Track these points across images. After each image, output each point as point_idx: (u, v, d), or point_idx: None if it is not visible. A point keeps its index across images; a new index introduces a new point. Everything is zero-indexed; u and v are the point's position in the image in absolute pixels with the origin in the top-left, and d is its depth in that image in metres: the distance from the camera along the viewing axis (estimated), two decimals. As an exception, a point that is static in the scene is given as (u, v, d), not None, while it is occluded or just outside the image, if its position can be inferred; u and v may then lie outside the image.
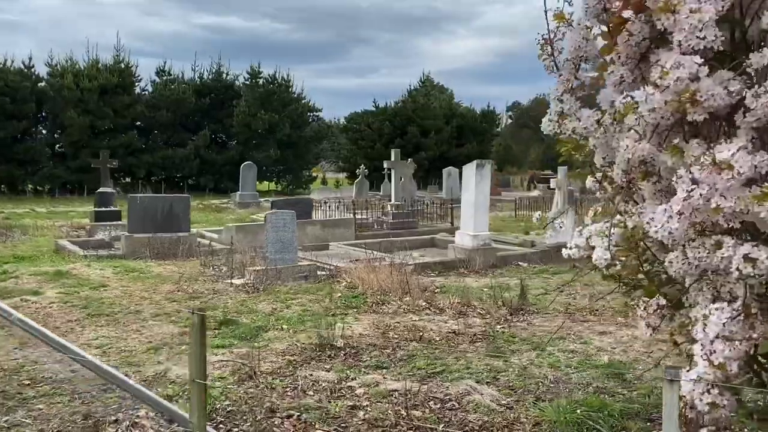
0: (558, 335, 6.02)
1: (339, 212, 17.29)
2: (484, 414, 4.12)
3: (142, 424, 4.03)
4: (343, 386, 4.65)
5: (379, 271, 8.41)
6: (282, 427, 3.94)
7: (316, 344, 5.65)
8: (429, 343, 5.72)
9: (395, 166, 15.24)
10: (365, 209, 17.78)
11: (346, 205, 17.69)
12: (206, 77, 38.02)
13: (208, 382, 4.64)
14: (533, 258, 10.93)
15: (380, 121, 42.35)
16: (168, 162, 35.64)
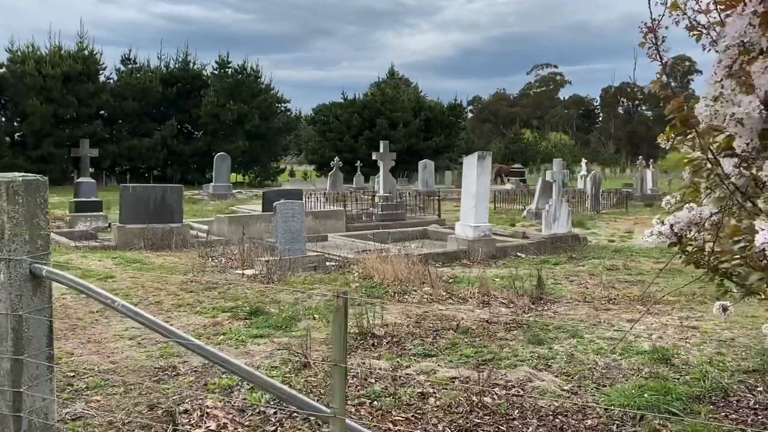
0: (590, 323, 6.13)
1: (320, 204, 17.20)
2: (553, 399, 4.17)
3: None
4: (401, 374, 4.65)
5: (391, 262, 8.42)
6: (358, 414, 3.93)
7: (356, 333, 5.64)
8: (467, 332, 5.75)
9: (384, 158, 15.22)
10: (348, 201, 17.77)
11: (329, 196, 17.62)
12: (173, 66, 37.34)
13: (263, 373, 4.60)
14: (530, 249, 11.07)
15: (349, 113, 42.25)
16: (134, 152, 34.94)
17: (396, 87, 43.86)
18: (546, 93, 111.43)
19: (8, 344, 3.08)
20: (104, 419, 3.92)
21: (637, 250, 11.54)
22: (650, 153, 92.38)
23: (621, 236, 13.77)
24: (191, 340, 2.95)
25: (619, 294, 7.64)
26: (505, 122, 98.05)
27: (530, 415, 3.93)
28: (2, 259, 3.05)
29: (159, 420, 3.90)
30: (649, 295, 7.53)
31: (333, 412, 2.56)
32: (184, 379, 4.60)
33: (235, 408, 4.04)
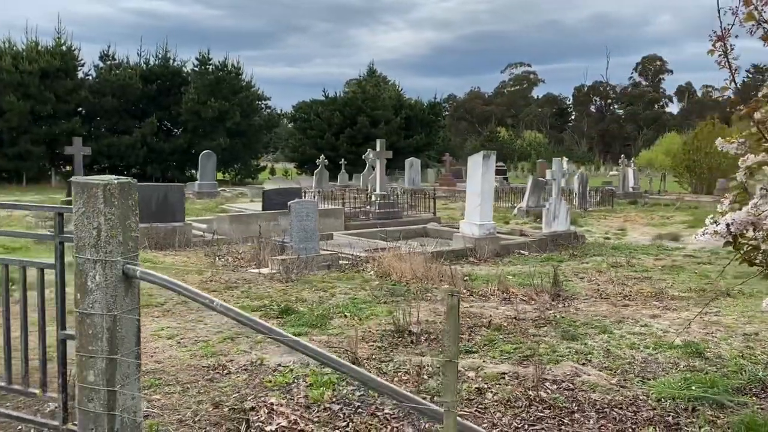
0: (615, 319, 6.31)
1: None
2: (604, 393, 4.33)
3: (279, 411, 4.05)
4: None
5: (408, 261, 8.54)
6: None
7: (393, 330, 5.74)
8: (499, 329, 5.89)
9: (380, 156, 15.32)
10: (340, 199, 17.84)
11: (323, 195, 17.67)
12: (153, 63, 36.90)
13: (316, 369, 4.69)
14: (532, 246, 11.27)
15: (330, 110, 42.21)
16: (113, 150, 34.46)
17: (377, 85, 43.93)
18: (520, 92, 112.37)
19: (103, 344, 3.14)
20: (172, 418, 3.97)
21: (634, 247, 11.82)
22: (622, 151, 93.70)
23: (615, 233, 14.06)
24: (297, 340, 3.04)
25: (632, 290, 7.85)
26: (480, 120, 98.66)
27: (587, 408, 4.07)
28: (98, 261, 3.10)
29: (227, 418, 3.96)
30: (661, 291, 7.75)
31: (446, 406, 2.66)
32: (237, 377, 4.66)
33: (300, 405, 4.12)
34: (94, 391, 3.17)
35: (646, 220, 16.89)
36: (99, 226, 3.10)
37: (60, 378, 3.40)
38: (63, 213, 3.41)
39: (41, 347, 3.49)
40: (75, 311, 3.18)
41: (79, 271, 3.15)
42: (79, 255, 3.14)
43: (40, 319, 3.48)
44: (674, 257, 10.70)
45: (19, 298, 3.59)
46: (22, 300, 3.51)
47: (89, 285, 3.13)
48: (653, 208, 20.68)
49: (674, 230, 13.97)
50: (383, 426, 3.82)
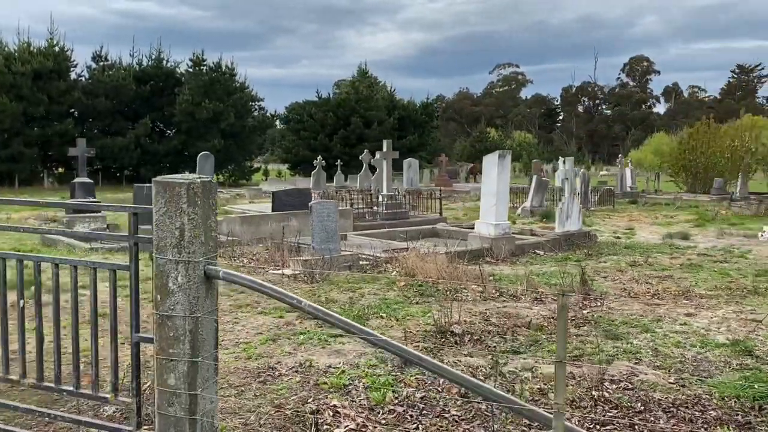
0: (652, 318, 6.31)
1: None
2: (665, 392, 4.30)
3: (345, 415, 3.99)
4: (505, 371, 4.73)
5: (434, 261, 8.50)
6: (482, 410, 3.99)
7: (435, 331, 5.70)
8: (541, 329, 5.86)
9: (386, 157, 15.29)
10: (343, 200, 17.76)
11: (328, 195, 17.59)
12: (146, 64, 36.67)
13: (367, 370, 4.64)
14: (546, 246, 11.26)
15: (323, 111, 42.15)
16: (107, 151, 34.21)
17: (370, 86, 43.90)
18: (508, 92, 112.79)
19: (186, 347, 3.07)
20: (236, 421, 3.90)
21: (647, 246, 11.84)
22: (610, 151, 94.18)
23: (623, 233, 14.09)
24: (396, 344, 2.98)
25: (658, 289, 7.85)
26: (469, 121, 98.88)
27: (653, 407, 4.05)
28: (181, 261, 3.03)
29: (292, 421, 3.90)
30: (688, 289, 7.75)
31: (556, 407, 2.62)
32: (290, 380, 4.60)
33: (363, 407, 4.06)
34: (175, 395, 3.09)
35: (650, 220, 16.95)
36: (182, 226, 3.02)
37: (134, 381, 3.32)
38: (138, 213, 3.33)
39: (112, 350, 3.41)
40: (155, 313, 3.11)
41: (159, 272, 3.07)
42: (160, 255, 3.06)
43: (112, 320, 3.41)
44: (688, 256, 10.73)
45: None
46: (92, 301, 3.43)
47: (171, 286, 3.05)
48: (654, 208, 20.78)
49: (682, 229, 14.03)
50: (453, 428, 3.77)
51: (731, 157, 25.09)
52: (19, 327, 3.62)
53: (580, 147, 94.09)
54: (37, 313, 3.57)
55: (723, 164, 25.38)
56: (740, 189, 24.41)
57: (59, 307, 3.54)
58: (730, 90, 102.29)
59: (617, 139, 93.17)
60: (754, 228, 14.33)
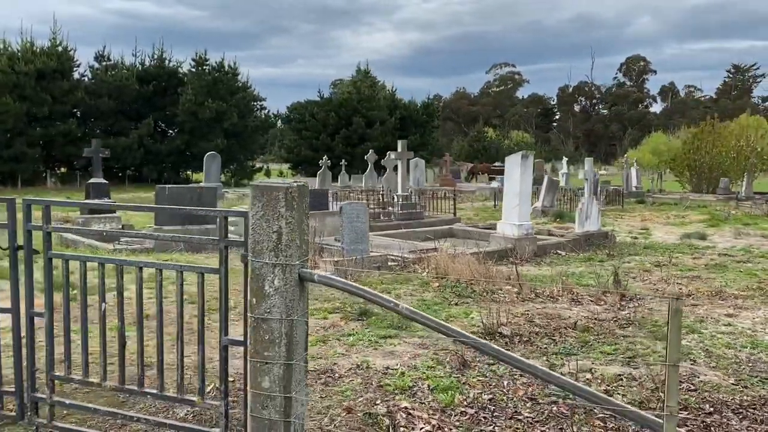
0: (695, 319, 6.34)
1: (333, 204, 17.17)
2: (729, 393, 4.33)
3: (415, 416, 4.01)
4: (563, 372, 4.75)
5: (458, 261, 8.52)
6: (554, 411, 4.02)
7: (482, 333, 5.72)
8: (587, 330, 5.89)
9: (402, 157, 15.32)
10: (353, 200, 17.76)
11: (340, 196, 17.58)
12: (148, 64, 36.59)
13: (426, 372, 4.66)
14: (567, 246, 11.30)
15: (325, 111, 42.13)
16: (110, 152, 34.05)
17: (372, 86, 43.90)
18: (505, 92, 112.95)
19: (281, 349, 3.08)
20: (310, 424, 3.91)
21: (666, 247, 11.89)
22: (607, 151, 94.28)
23: (639, 233, 14.14)
24: (517, 357, 2.99)
25: (690, 290, 7.89)
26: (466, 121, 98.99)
27: (722, 408, 4.08)
28: (278, 265, 3.04)
29: (365, 423, 3.91)
30: (720, 290, 7.80)
31: (668, 410, 2.64)
32: (350, 381, 4.61)
33: (434, 408, 4.08)
34: (270, 398, 3.10)
35: (662, 219, 17.02)
36: (279, 230, 3.04)
37: (222, 384, 3.34)
38: (228, 217, 3.34)
39: (200, 354, 3.42)
40: (249, 316, 3.12)
41: (255, 276, 3.08)
42: (256, 259, 3.07)
43: (200, 323, 3.42)
44: (710, 256, 10.78)
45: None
46: (179, 305, 3.44)
47: (267, 289, 3.07)
48: (662, 207, 20.85)
49: (697, 229, 14.09)
50: (529, 429, 3.78)
51: (737, 157, 25.20)
52: (100, 330, 3.63)
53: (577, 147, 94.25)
54: (119, 315, 3.58)
55: (729, 164, 25.48)
56: (745, 189, 24.52)
57: (143, 309, 3.56)
58: (726, 90, 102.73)
59: (614, 138, 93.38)
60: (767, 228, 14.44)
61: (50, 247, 3.77)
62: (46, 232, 3.75)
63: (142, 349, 3.52)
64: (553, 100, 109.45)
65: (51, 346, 3.73)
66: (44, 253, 3.76)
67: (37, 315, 3.78)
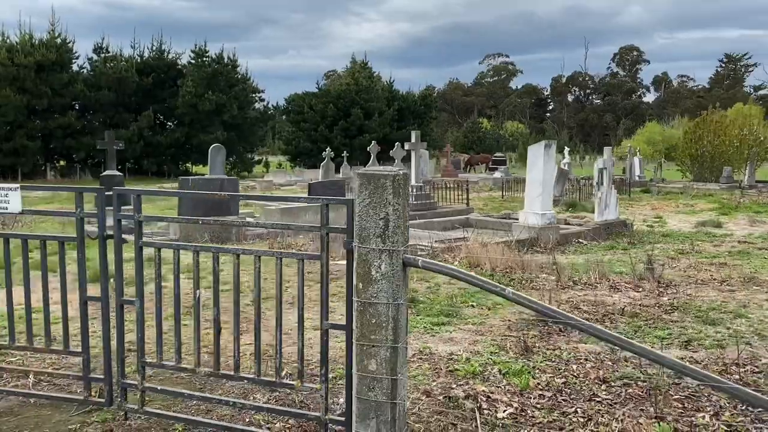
0: (737, 304, 6.45)
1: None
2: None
3: (494, 399, 4.09)
4: (609, 357, 4.85)
5: (490, 250, 8.60)
6: (630, 394, 4.11)
7: (534, 319, 5.80)
8: (635, 316, 5.99)
9: (415, 147, 15.37)
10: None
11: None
12: (147, 56, 36.41)
13: (492, 357, 4.73)
14: (588, 235, 11.41)
15: (323, 103, 42.06)
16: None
17: (370, 77, 43.85)
18: (499, 82, 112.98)
19: (388, 333, 3.15)
20: (393, 407, 3.98)
21: (684, 235, 12.00)
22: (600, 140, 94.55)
23: (653, 221, 14.26)
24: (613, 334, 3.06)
25: (722, 276, 8.00)
26: (460, 111, 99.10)
27: (792, 389, 4.18)
28: (385, 250, 3.11)
29: (445, 405, 3.99)
30: (753, 276, 7.92)
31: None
32: (419, 366, 4.68)
33: (511, 392, 4.16)
34: (376, 380, 3.18)
35: (672, 208, 17.17)
36: (386, 217, 3.10)
37: (323, 368, 3.40)
38: (329, 204, 3.40)
39: (299, 338, 3.48)
40: (356, 301, 3.18)
41: (362, 261, 3.15)
42: (363, 245, 3.14)
43: (300, 309, 3.48)
44: (730, 243, 10.91)
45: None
46: (277, 291, 3.50)
47: (374, 275, 3.13)
48: (668, 196, 21.01)
49: (710, 217, 14.23)
50: (613, 410, 3.87)
51: (740, 146, 25.40)
52: (195, 317, 3.69)
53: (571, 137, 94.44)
54: (215, 301, 3.63)
55: (731, 153, 25.68)
56: (748, 177, 24.73)
57: (239, 295, 3.62)
58: (719, 79, 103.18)
59: (608, 128, 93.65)
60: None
61: (141, 235, 3.82)
62: (137, 221, 3.80)
63: (238, 334, 3.59)
64: (547, 90, 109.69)
65: (142, 333, 3.79)
66: (135, 242, 3.82)
67: (126, 303, 3.84)
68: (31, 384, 4.38)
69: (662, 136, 63.60)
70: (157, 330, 3.76)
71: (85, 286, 3.93)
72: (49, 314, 4.07)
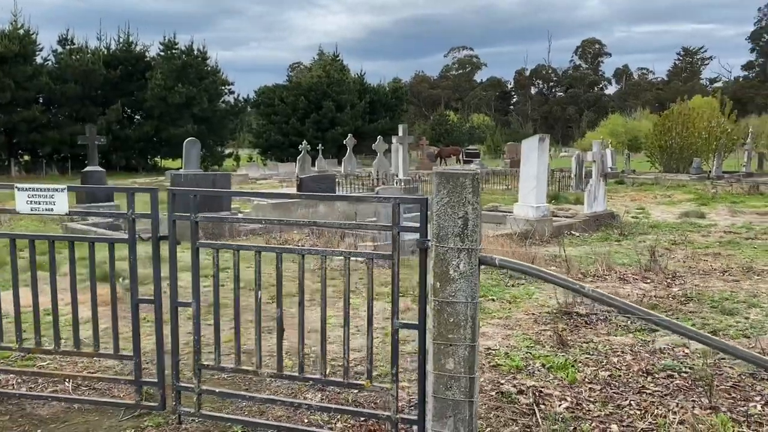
0: (747, 293, 6.62)
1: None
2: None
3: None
4: (644, 349, 4.94)
5: (495, 243, 8.66)
6: (677, 385, 4.19)
7: (558, 311, 5.88)
8: (654, 308, 6.10)
9: (402, 141, 15.39)
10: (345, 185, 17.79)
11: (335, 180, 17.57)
12: (114, 48, 35.64)
13: (532, 351, 4.78)
14: (579, 227, 11.57)
15: (295, 95, 41.77)
16: (76, 138, 33.13)
17: (342, 69, 43.66)
18: (464, 75, 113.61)
19: (467, 331, 3.15)
20: (448, 404, 3.99)
21: (670, 225, 12.26)
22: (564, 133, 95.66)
23: (637, 212, 14.52)
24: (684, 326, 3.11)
25: (721, 266, 8.20)
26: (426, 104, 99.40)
27: (829, 377, 4.31)
28: (463, 249, 3.11)
29: (498, 400, 4.02)
30: (750, 266, 8.13)
31: None
32: (459, 363, 4.69)
33: (561, 386, 4.21)
34: (454, 379, 3.18)
35: (651, 199, 17.51)
36: (466, 216, 3.10)
37: (393, 367, 3.39)
38: (400, 203, 3.38)
39: (369, 338, 3.47)
40: (433, 300, 3.18)
41: (439, 260, 3.14)
42: (440, 244, 3.13)
43: (369, 309, 3.46)
44: (717, 234, 11.18)
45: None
46: (346, 292, 3.48)
47: (452, 274, 3.13)
48: (642, 187, 21.42)
49: (691, 208, 14.55)
50: (665, 401, 3.94)
51: (708, 138, 25.99)
52: (256, 318, 3.64)
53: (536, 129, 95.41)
54: (278, 302, 3.60)
55: (700, 145, 26.27)
56: (716, 168, 25.34)
57: (303, 296, 3.58)
58: (677, 72, 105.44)
59: (571, 121, 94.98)
60: (758, 205, 15.01)
61: (197, 236, 3.75)
62: (194, 221, 3.74)
63: (303, 335, 3.55)
64: (510, 83, 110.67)
65: (198, 335, 3.73)
66: (192, 243, 3.75)
67: (181, 305, 3.77)
68: (70, 389, 4.29)
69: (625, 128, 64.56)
70: (215, 332, 3.71)
71: (136, 289, 3.85)
72: (98, 317, 3.98)
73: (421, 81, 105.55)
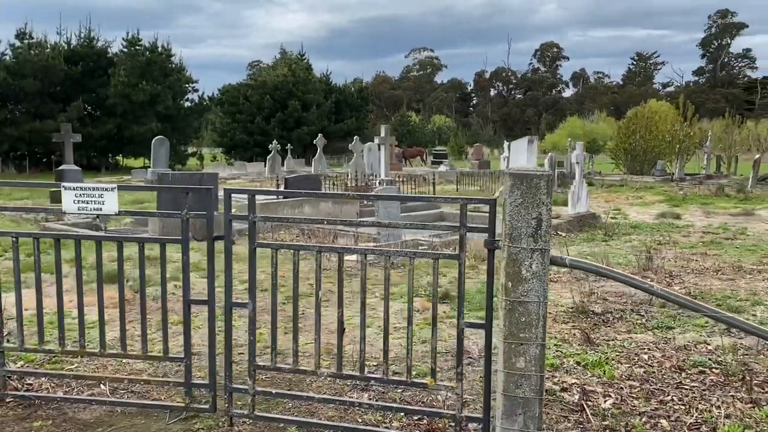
0: (747, 292, 6.85)
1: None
2: (841, 357, 4.78)
3: None
4: (668, 345, 5.08)
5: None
6: (713, 380, 4.32)
7: (574, 310, 5.99)
8: (664, 307, 6.26)
9: (384, 141, 15.42)
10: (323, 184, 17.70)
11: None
12: (75, 43, 34.77)
13: (562, 350, 4.87)
14: (564, 227, 11.77)
15: (260, 94, 41.41)
16: (35, 136, 32.31)
17: (308, 69, 43.46)
18: (425, 76, 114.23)
19: (538, 330, 3.20)
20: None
21: (650, 226, 12.57)
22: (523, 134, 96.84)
23: (615, 213, 14.84)
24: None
25: (711, 266, 8.45)
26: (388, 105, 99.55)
27: None
28: (537, 250, 3.16)
29: (547, 399, 4.08)
30: (740, 265, 8.40)
31: None
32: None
33: (600, 382, 4.30)
34: (525, 377, 3.22)
35: (624, 200, 17.91)
36: (539, 216, 3.15)
37: (459, 366, 3.42)
38: (467, 204, 3.41)
39: (433, 337, 3.49)
40: (504, 299, 3.22)
41: (512, 260, 3.18)
42: (513, 244, 3.17)
43: (433, 308, 3.49)
44: (696, 234, 11.50)
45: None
46: (409, 290, 3.49)
47: (524, 274, 3.17)
48: (612, 188, 21.89)
49: (666, 209, 14.94)
50: (706, 396, 4.06)
51: (671, 141, 26.71)
52: (316, 318, 3.62)
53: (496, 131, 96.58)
54: (338, 302, 3.59)
55: (663, 147, 26.98)
56: (679, 171, 26.07)
57: (365, 295, 3.58)
58: (631, 76, 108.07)
59: (530, 123, 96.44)
60: (728, 207, 15.50)
61: (255, 237, 3.72)
62: (252, 221, 3.70)
63: (364, 334, 3.56)
64: (470, 85, 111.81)
65: (254, 336, 3.70)
66: (249, 243, 3.72)
67: (236, 305, 3.74)
68: (108, 392, 4.20)
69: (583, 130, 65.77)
70: (271, 333, 3.68)
71: (188, 288, 3.80)
72: (145, 319, 3.91)
73: (382, 81, 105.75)
